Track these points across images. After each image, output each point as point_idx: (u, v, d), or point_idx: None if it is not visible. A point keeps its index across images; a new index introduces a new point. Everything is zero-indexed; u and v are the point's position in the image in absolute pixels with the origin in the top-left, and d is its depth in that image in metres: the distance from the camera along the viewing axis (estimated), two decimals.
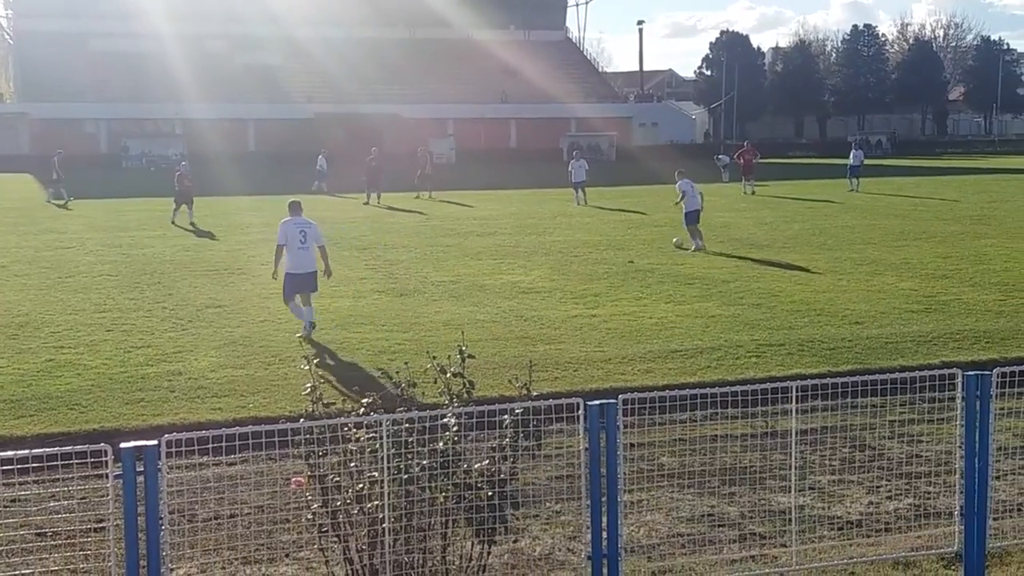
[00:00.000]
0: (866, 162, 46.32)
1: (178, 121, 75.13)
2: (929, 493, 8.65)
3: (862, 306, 16.65)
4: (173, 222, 30.60)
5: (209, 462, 7.45)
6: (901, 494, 8.70)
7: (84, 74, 77.67)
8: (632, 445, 7.54)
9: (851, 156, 46.18)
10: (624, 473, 6.51)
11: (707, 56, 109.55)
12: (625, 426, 6.48)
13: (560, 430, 7.51)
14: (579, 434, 6.48)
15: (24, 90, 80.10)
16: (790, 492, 7.47)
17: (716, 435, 9.19)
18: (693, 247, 24.01)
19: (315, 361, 7.38)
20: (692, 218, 24.66)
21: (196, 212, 31.52)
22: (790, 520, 7.18)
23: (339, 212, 35.28)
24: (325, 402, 7.12)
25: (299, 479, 6.86)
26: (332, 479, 6.51)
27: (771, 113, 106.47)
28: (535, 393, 7.39)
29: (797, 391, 6.86)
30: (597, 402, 6.41)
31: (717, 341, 14.20)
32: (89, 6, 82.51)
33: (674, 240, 24.84)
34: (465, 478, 6.63)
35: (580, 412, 6.36)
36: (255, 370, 12.91)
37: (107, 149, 73.31)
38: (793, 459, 7.11)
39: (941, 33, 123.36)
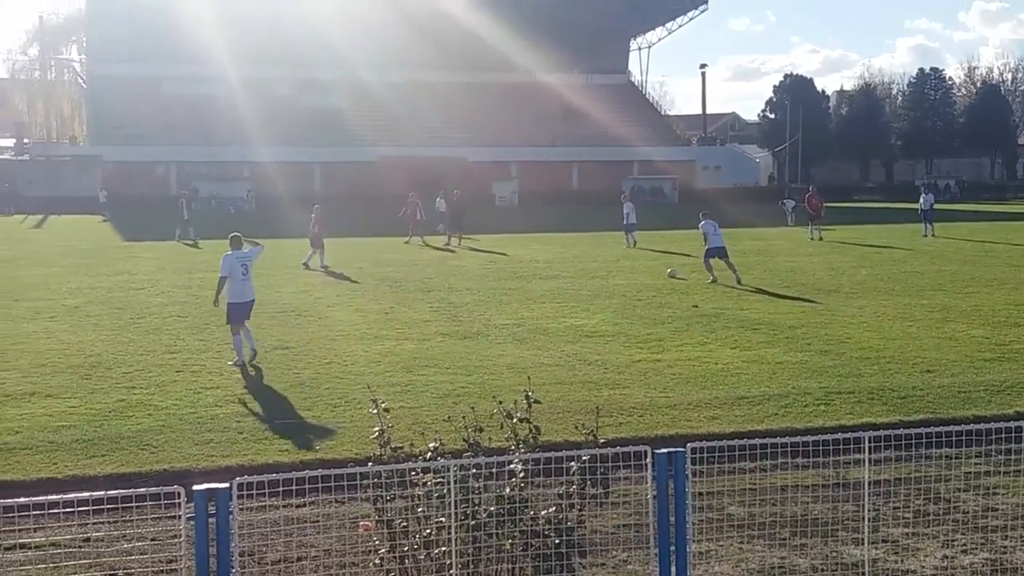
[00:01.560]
0: (935, 206, 45.66)
1: (246, 164, 76.45)
2: (1005, 547, 8.42)
3: (933, 354, 16.36)
4: (306, 264, 30.92)
5: (277, 504, 7.51)
6: (977, 548, 8.48)
7: (155, 118, 79.47)
8: (700, 494, 7.46)
9: (921, 200, 45.54)
10: (692, 523, 6.44)
11: (771, 99, 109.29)
12: (692, 474, 6.41)
13: (626, 477, 7.47)
14: (647, 482, 6.43)
15: (97, 133, 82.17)
16: (863, 544, 7.32)
17: (785, 485, 9.06)
18: (711, 279, 26.23)
19: (383, 405, 7.42)
20: (711, 253, 26.78)
21: (268, 252, 31.93)
22: (863, 573, 7.03)
23: (405, 254, 35.62)
24: (393, 446, 7.16)
25: (367, 523, 6.89)
26: (400, 524, 6.53)
27: (836, 156, 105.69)
28: (602, 440, 7.37)
29: (870, 441, 6.75)
30: (665, 450, 6.36)
31: (784, 388, 14.03)
32: (160, 51, 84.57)
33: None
34: (532, 525, 6.61)
35: (648, 460, 6.32)
36: (321, 412, 13.01)
37: (176, 191, 74.76)
38: (866, 511, 6.98)
39: (1009, 76, 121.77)
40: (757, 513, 8.38)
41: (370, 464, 6.88)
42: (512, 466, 6.61)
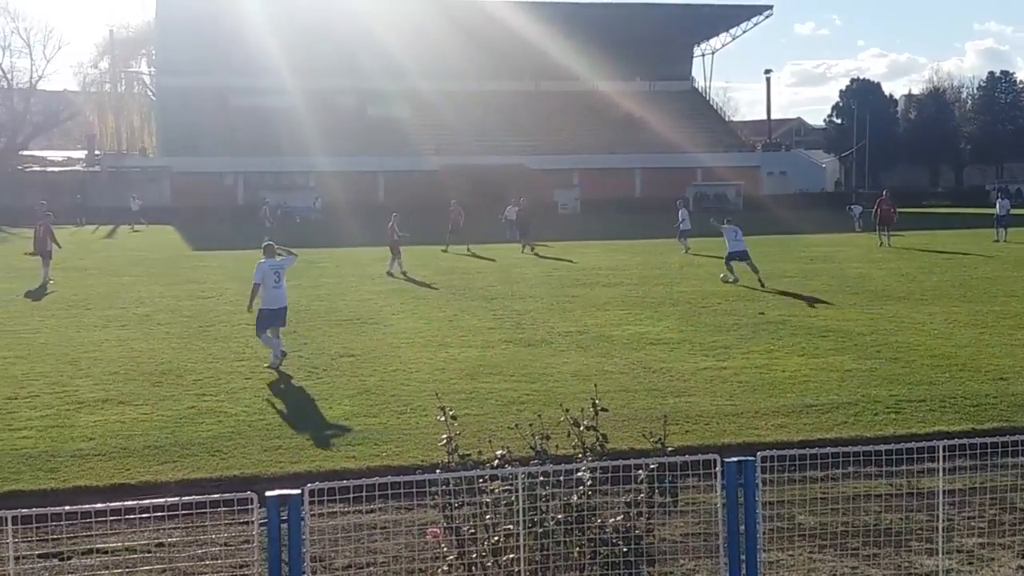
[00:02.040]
0: (1011, 211, 44.75)
1: (311, 174, 77.34)
2: None
3: (1006, 361, 16.02)
4: (389, 272, 31.41)
5: (345, 510, 7.59)
6: None
7: (222, 129, 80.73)
8: (768, 503, 7.38)
9: (996, 206, 44.65)
10: (763, 532, 6.37)
11: (837, 104, 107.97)
12: (761, 482, 6.35)
13: (695, 485, 7.43)
14: (715, 490, 6.38)
15: (166, 145, 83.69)
16: (936, 555, 7.20)
17: (856, 494, 8.93)
18: (732, 279, 27.46)
19: (451, 412, 7.45)
20: (733, 256, 28.01)
21: (334, 261, 32.33)
22: None
23: (469, 262, 35.76)
24: (460, 453, 7.19)
25: (435, 530, 6.92)
26: (468, 531, 6.55)
27: (904, 161, 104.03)
28: (669, 448, 7.33)
29: (944, 450, 6.63)
30: (735, 459, 6.31)
31: (854, 396, 13.83)
32: (227, 64, 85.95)
33: (721, 276, 28.33)
34: (600, 533, 6.59)
35: (717, 469, 6.27)
36: (388, 419, 13.10)
37: (244, 201, 75.85)
38: (940, 520, 6.86)
39: None
40: (827, 522, 8.26)
41: (438, 471, 6.92)
42: (579, 474, 6.61)
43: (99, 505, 5.69)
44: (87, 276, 31.07)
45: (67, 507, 5.76)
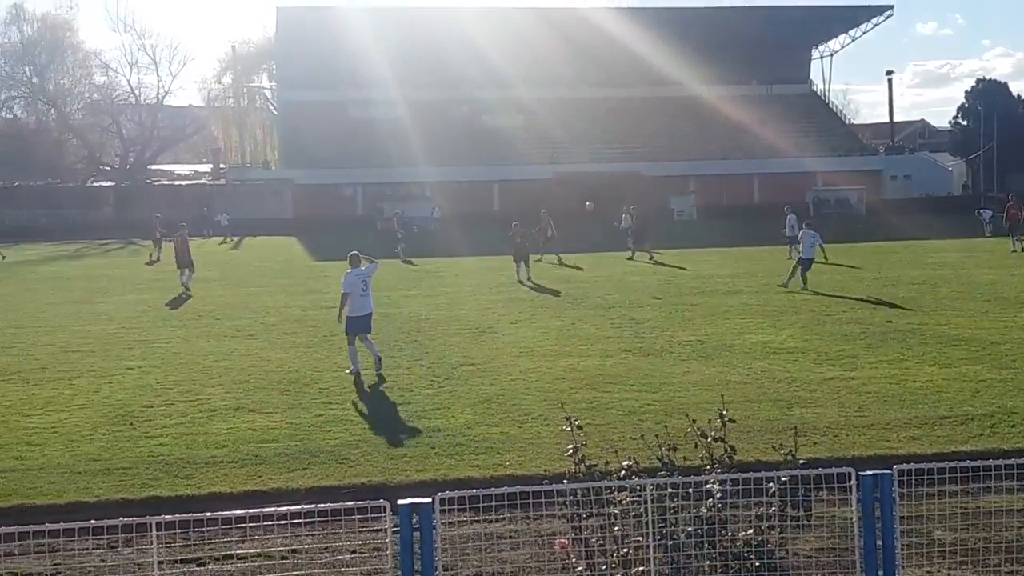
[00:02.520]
0: None
1: (427, 184, 78.30)
2: None
3: None
4: (519, 280, 31.75)
5: (474, 519, 7.62)
6: None
7: (341, 141, 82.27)
8: (904, 517, 7.17)
9: None
10: (900, 548, 6.20)
11: (962, 105, 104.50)
12: (897, 496, 6.18)
13: (827, 499, 7.26)
14: (850, 505, 6.23)
15: (287, 158, 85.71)
16: None
17: (995, 509, 8.61)
18: (801, 287, 27.06)
19: (576, 422, 7.44)
20: (806, 264, 27.82)
21: (451, 270, 32.66)
22: None
23: (582, 271, 35.71)
24: (587, 464, 7.17)
25: (563, 540, 6.92)
26: (596, 542, 6.53)
27: None
28: (800, 460, 7.19)
29: None
30: (871, 472, 6.15)
31: (989, 407, 13.35)
32: (344, 77, 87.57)
33: (781, 283, 28.03)
34: (731, 547, 6.51)
35: (852, 482, 6.12)
36: (509, 428, 13.16)
37: (363, 212, 77.18)
38: None
39: None
40: (966, 538, 7.99)
41: (565, 481, 6.91)
42: (709, 486, 6.53)
43: (238, 512, 5.85)
44: (215, 287, 32.00)
45: (208, 513, 5.93)
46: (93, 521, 6.01)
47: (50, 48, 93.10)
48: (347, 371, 16.82)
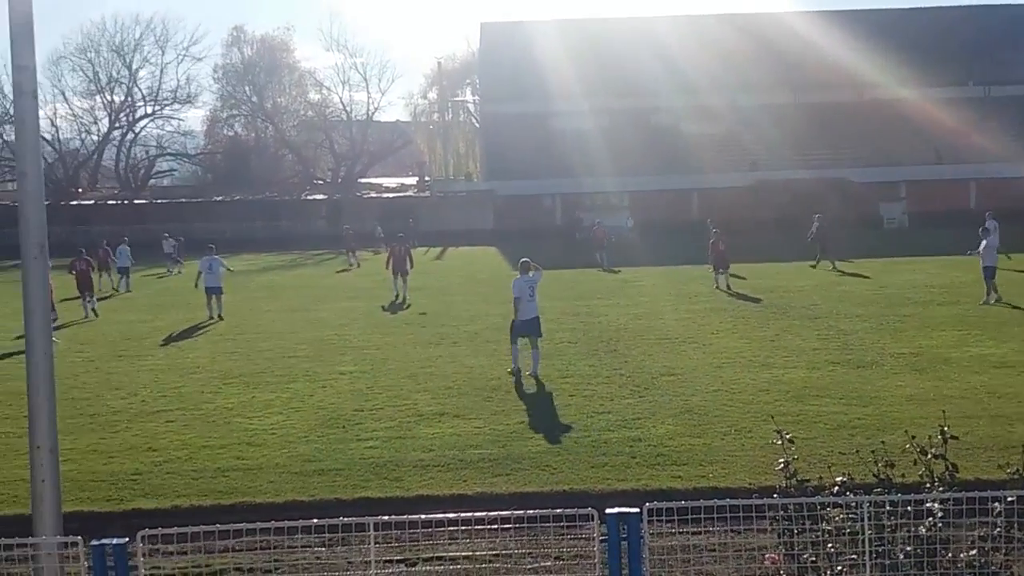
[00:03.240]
0: None
1: (625, 193, 78.17)
2: None
3: None
4: (717, 287, 31.74)
5: (681, 531, 7.53)
6: None
7: (541, 152, 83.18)
8: None
9: None
10: None
11: None
12: None
13: None
14: None
15: (489, 170, 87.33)
16: None
17: None
18: (995, 299, 25.36)
19: (788, 436, 7.26)
20: (991, 271, 25.92)
21: (650, 279, 32.48)
22: None
23: (785, 280, 34.81)
24: (798, 478, 6.98)
25: (774, 556, 6.76)
26: (808, 559, 6.35)
27: None
28: None
29: None
30: None
31: None
32: (544, 89, 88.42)
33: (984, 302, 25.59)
34: (952, 568, 6.21)
35: None
36: (712, 439, 12.98)
37: (562, 222, 77.74)
38: None
39: None
40: None
41: (775, 495, 6.76)
42: (929, 505, 6.25)
43: (451, 515, 5.98)
44: (421, 295, 32.84)
45: (422, 516, 6.10)
46: (315, 520, 6.27)
47: (268, 68, 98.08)
48: (508, 370, 17.78)
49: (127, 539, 6.29)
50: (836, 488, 6.71)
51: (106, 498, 11.47)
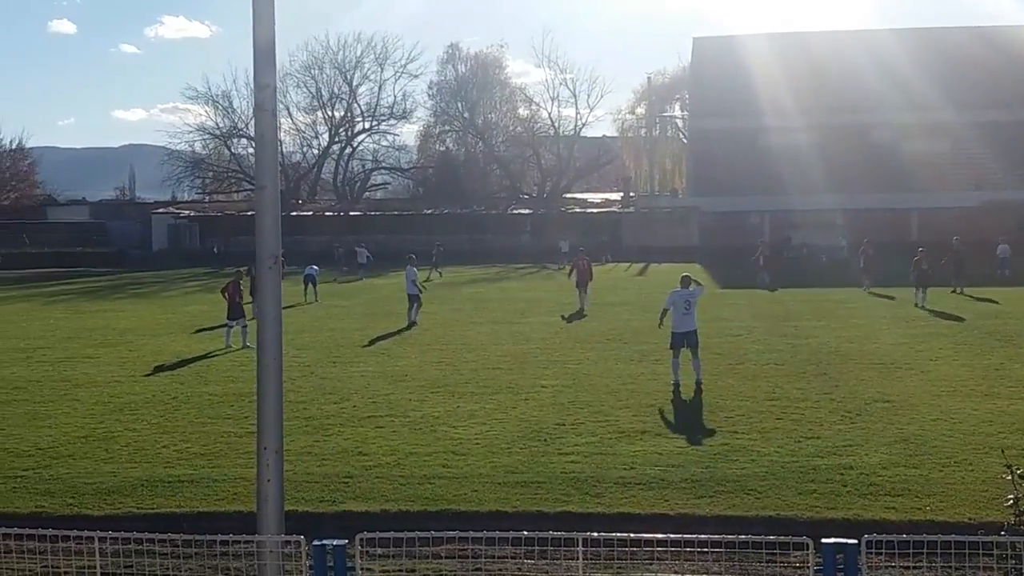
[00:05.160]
0: None
1: (839, 211, 75.74)
2: None
3: None
4: (917, 305, 31.15)
5: (886, 563, 7.21)
6: None
7: (750, 169, 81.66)
8: None
9: None
10: None
11: None
12: None
13: None
14: None
15: (696, 185, 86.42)
16: None
17: None
18: None
19: (1019, 471, 6.82)
20: None
21: (863, 301, 31.31)
22: None
23: (1012, 305, 32.84)
24: None
25: None
26: None
27: None
28: None
29: None
30: None
31: None
32: (756, 105, 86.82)
33: None
34: None
35: None
36: (929, 471, 12.35)
37: (770, 240, 76.03)
38: None
39: None
40: None
41: (1002, 533, 6.35)
42: None
43: (659, 535, 5.91)
44: (621, 311, 32.79)
45: (631, 534, 6.04)
46: (525, 532, 6.31)
47: (480, 84, 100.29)
48: (670, 382, 18.23)
49: (347, 541, 6.49)
50: None
51: (320, 499, 11.91)
